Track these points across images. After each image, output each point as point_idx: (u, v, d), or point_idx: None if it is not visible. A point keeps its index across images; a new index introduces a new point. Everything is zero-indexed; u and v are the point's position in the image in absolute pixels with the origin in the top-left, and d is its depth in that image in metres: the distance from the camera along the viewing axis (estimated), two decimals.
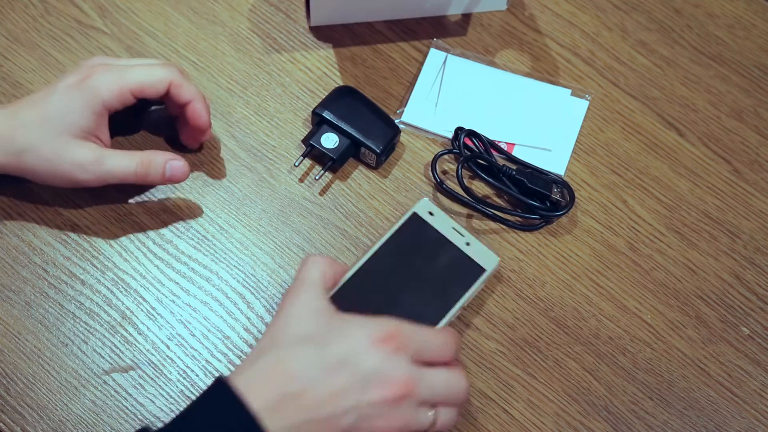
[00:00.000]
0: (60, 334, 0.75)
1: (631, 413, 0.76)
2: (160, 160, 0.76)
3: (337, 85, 0.86)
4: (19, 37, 0.86)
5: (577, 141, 0.86)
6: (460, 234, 0.76)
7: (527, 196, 0.81)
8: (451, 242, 0.75)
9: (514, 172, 0.82)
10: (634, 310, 0.79)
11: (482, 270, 0.74)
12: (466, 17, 0.91)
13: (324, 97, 0.84)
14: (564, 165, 0.85)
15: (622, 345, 0.78)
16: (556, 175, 0.84)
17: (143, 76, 0.76)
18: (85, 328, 0.75)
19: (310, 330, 0.64)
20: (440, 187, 0.83)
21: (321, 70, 0.87)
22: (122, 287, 0.77)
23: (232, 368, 0.75)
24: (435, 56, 0.89)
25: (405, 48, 0.89)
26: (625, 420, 0.75)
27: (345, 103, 0.83)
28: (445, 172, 0.84)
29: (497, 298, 0.79)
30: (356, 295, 0.71)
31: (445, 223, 0.76)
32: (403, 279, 0.74)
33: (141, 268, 0.78)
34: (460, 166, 0.81)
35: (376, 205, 0.82)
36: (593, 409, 0.76)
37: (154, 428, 0.64)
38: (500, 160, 0.84)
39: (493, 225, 0.82)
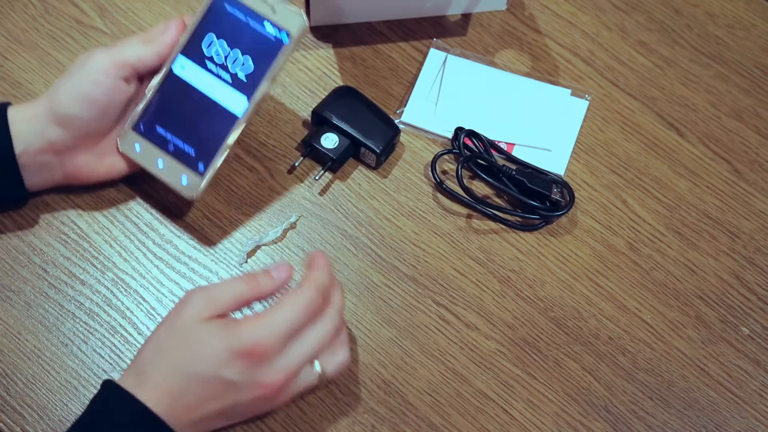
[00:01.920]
0: (60, 334, 0.75)
1: (631, 413, 0.76)
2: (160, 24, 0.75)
3: (337, 85, 0.86)
4: (19, 37, 0.86)
5: (576, 141, 0.86)
6: (264, 1, 0.71)
7: (527, 196, 0.81)
8: (255, 12, 0.71)
9: (514, 172, 0.82)
10: (634, 310, 0.79)
11: (282, 43, 0.70)
12: (466, 17, 0.91)
13: (324, 97, 0.84)
14: (564, 165, 0.85)
15: (622, 345, 0.78)
16: (556, 175, 0.84)
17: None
18: (85, 328, 0.75)
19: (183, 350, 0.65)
20: (440, 187, 0.83)
21: (321, 70, 0.87)
22: (122, 287, 0.77)
23: None
24: (435, 56, 0.89)
25: (405, 48, 0.89)
26: (625, 420, 0.75)
27: (345, 103, 0.83)
28: (445, 172, 0.84)
29: (497, 298, 0.79)
30: (170, 100, 0.74)
31: None
32: (211, 66, 0.73)
33: (141, 268, 0.78)
34: (460, 166, 0.81)
35: (376, 205, 0.82)
36: (593, 409, 0.76)
37: None
38: (500, 160, 0.84)
39: (493, 225, 0.82)
